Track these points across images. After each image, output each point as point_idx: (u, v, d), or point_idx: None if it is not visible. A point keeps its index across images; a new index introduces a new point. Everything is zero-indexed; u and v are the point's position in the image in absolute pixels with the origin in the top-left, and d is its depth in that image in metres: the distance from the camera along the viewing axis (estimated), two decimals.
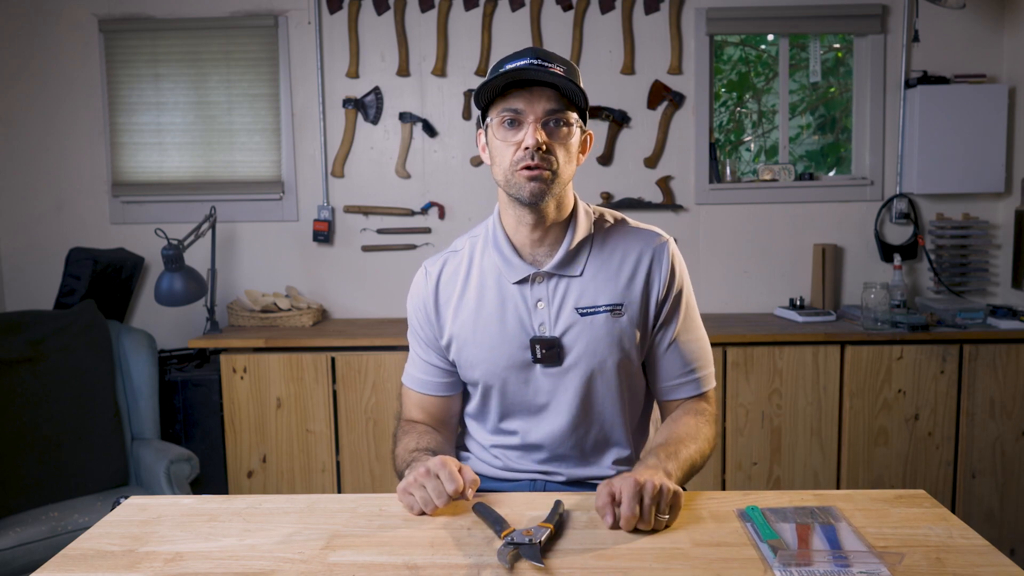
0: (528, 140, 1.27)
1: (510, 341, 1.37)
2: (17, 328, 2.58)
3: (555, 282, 1.37)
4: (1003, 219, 3.17)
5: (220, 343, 2.86)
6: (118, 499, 1.29)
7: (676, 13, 3.11)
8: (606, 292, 1.37)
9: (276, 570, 1.04)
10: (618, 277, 1.37)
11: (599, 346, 1.36)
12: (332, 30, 3.16)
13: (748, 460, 2.79)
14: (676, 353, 1.41)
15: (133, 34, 3.16)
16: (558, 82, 1.26)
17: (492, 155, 1.34)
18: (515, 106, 1.28)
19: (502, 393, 1.40)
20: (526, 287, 1.37)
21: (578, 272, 1.37)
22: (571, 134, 1.31)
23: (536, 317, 1.37)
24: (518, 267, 1.37)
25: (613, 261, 1.38)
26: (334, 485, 2.83)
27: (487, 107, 1.33)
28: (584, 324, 1.36)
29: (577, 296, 1.36)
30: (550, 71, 1.25)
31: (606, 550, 1.07)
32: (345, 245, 3.24)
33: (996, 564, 1.01)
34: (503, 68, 1.29)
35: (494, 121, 1.31)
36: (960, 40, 3.12)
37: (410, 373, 1.50)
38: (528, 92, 1.28)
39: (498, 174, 1.33)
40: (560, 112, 1.28)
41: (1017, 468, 2.77)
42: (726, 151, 3.55)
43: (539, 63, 1.27)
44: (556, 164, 1.29)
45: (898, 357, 2.74)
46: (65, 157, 3.23)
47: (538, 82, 1.27)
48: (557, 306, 1.36)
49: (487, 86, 1.28)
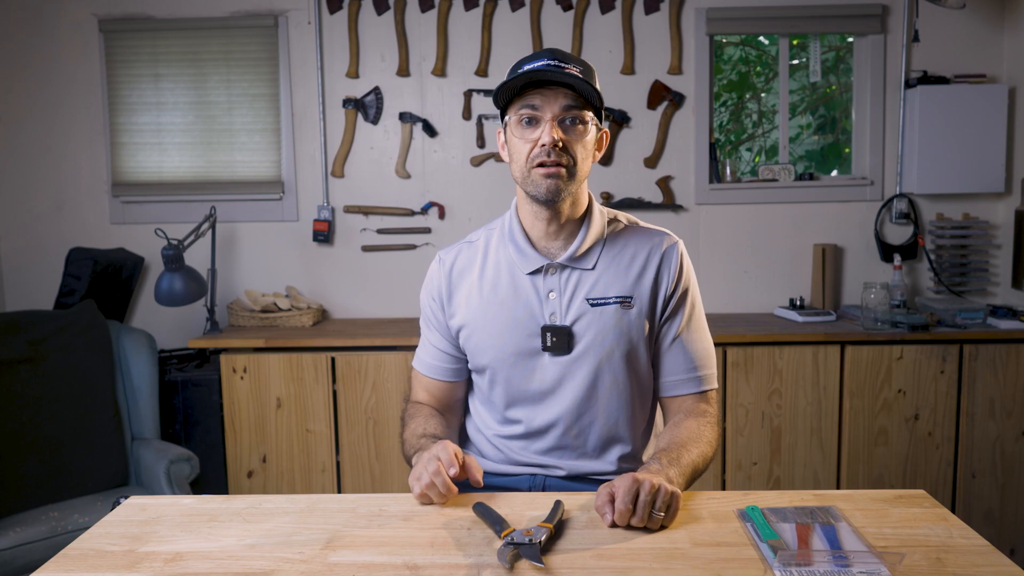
0: (545, 137, 1.31)
1: (520, 328, 1.41)
2: (17, 328, 2.58)
3: (568, 273, 1.41)
4: (1003, 219, 3.17)
5: (220, 343, 2.86)
6: (118, 499, 1.29)
7: (676, 13, 3.11)
8: (617, 285, 1.41)
9: (276, 570, 1.04)
10: (629, 272, 1.42)
11: (608, 336, 1.39)
12: (332, 30, 3.16)
13: (748, 460, 2.79)
14: (680, 350, 1.44)
15: (133, 34, 3.16)
16: (574, 82, 1.30)
17: (511, 152, 1.39)
18: (533, 105, 1.33)
19: (507, 380, 1.43)
20: (539, 278, 1.42)
21: (590, 265, 1.41)
22: (587, 132, 1.35)
23: (548, 307, 1.41)
24: (532, 258, 1.42)
25: (625, 257, 1.43)
26: (334, 485, 2.83)
27: (506, 106, 1.38)
28: (594, 314, 1.39)
29: (589, 288, 1.41)
30: (566, 71, 1.30)
31: (606, 550, 1.07)
32: (345, 245, 3.24)
33: (996, 564, 1.02)
34: (522, 69, 1.33)
35: (512, 120, 1.36)
36: (960, 40, 3.12)
37: (420, 357, 1.55)
38: (545, 92, 1.32)
39: (516, 171, 1.38)
40: (576, 110, 1.33)
41: (1017, 468, 2.77)
42: (726, 151, 3.56)
43: (556, 64, 1.31)
44: (573, 161, 1.34)
45: (898, 357, 2.74)
46: (65, 157, 3.22)
47: (555, 82, 1.31)
48: (569, 296, 1.41)
49: (506, 86, 1.32)
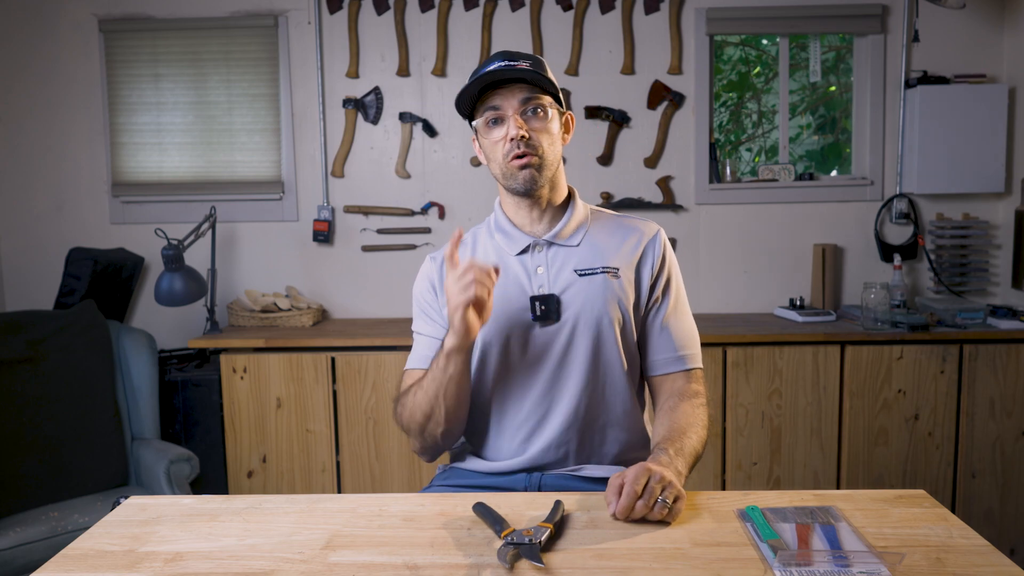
0: (512, 131, 1.38)
1: (511, 303, 1.44)
2: (17, 328, 2.58)
3: (555, 250, 1.47)
4: (1003, 219, 3.17)
5: (220, 343, 2.86)
6: (118, 499, 1.29)
7: (676, 13, 3.11)
8: (603, 258, 1.47)
9: (276, 570, 1.04)
10: (614, 250, 1.48)
11: (596, 303, 1.43)
12: (332, 30, 3.16)
13: (748, 460, 2.79)
14: (667, 333, 1.48)
15: (133, 34, 3.16)
16: (526, 75, 1.38)
17: (486, 154, 1.46)
18: (493, 104, 1.40)
19: (503, 352, 1.44)
20: (527, 256, 1.47)
21: (576, 243, 1.48)
22: (549, 118, 1.42)
23: (536, 280, 1.46)
24: (519, 239, 1.48)
25: (611, 239, 1.49)
26: (334, 485, 2.83)
27: (472, 113, 1.45)
28: (582, 283, 1.44)
29: (576, 261, 1.46)
30: (517, 68, 1.37)
31: (606, 550, 1.07)
32: (345, 245, 3.24)
33: (996, 564, 1.01)
34: (477, 75, 1.40)
35: (480, 124, 1.43)
36: (960, 40, 3.12)
37: (416, 355, 1.53)
38: (502, 90, 1.40)
39: (495, 170, 1.45)
40: (533, 98, 1.40)
41: (1017, 468, 2.77)
42: (726, 151, 3.55)
43: (507, 63, 1.39)
44: (541, 148, 1.40)
45: (898, 357, 2.74)
46: (65, 157, 3.22)
47: (509, 79, 1.38)
48: (556, 269, 1.46)
49: (464, 94, 1.40)
